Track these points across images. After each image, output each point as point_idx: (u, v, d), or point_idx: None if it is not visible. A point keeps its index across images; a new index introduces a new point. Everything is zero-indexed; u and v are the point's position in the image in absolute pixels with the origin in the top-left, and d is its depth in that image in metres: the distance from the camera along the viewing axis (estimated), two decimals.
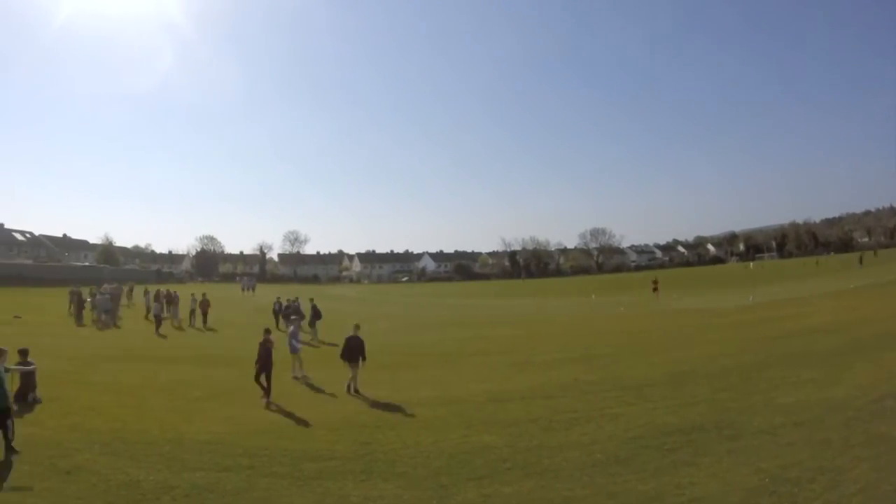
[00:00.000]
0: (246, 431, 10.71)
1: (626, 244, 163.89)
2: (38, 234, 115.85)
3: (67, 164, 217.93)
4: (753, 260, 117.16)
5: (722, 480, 7.58)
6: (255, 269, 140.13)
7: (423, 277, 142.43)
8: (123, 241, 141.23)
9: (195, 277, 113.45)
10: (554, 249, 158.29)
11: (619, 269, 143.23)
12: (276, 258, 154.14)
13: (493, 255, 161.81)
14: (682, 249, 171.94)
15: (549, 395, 13.17)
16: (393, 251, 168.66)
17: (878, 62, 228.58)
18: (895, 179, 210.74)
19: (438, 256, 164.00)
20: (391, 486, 8.02)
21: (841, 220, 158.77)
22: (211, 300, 31.70)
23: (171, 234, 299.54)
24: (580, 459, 8.69)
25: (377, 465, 8.86)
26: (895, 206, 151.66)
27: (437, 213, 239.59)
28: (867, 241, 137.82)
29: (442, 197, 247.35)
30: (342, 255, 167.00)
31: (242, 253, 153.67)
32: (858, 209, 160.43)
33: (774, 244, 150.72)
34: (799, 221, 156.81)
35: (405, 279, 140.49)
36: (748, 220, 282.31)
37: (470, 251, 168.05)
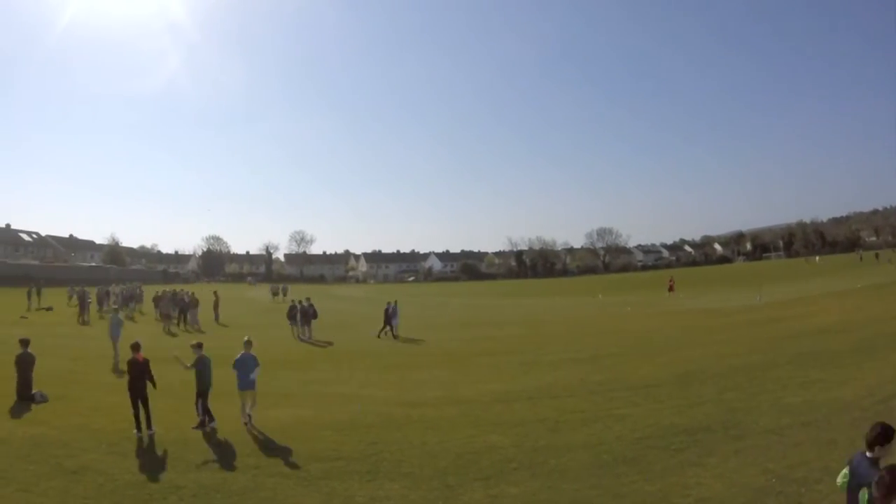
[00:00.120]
0: (252, 431, 10.76)
1: (632, 244, 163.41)
2: (44, 234, 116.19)
3: (74, 164, 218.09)
4: (760, 258, 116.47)
5: (728, 481, 7.58)
6: (261, 269, 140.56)
7: (429, 277, 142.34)
8: (129, 241, 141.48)
9: (201, 278, 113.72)
10: (560, 249, 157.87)
11: (625, 268, 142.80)
12: (282, 258, 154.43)
13: (499, 254, 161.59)
14: (688, 249, 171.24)
15: (555, 395, 13.19)
16: (399, 251, 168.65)
17: (884, 60, 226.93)
18: None
19: (445, 256, 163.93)
20: (397, 486, 8.05)
21: (848, 218, 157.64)
22: (222, 298, 32.62)
23: (177, 234, 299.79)
24: (587, 460, 8.70)
25: (383, 465, 8.89)
26: None
27: (443, 212, 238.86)
28: (875, 240, 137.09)
29: (448, 197, 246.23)
30: (348, 254, 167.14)
31: (249, 253, 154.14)
32: (866, 208, 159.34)
33: (781, 243, 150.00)
34: (806, 220, 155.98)
35: (411, 279, 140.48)
36: (755, 219, 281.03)
37: (476, 251, 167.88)
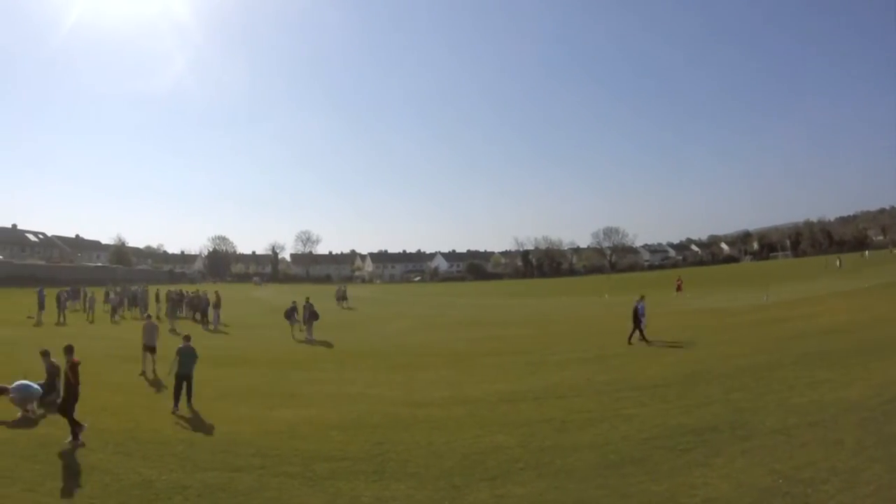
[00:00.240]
0: (258, 431, 10.80)
1: (639, 243, 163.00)
2: (50, 234, 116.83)
3: (79, 165, 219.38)
4: (764, 258, 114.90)
5: (735, 481, 7.59)
6: (267, 269, 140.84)
7: (435, 277, 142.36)
8: (136, 241, 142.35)
9: (207, 278, 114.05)
10: (567, 249, 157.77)
11: (632, 268, 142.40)
12: (288, 258, 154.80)
13: (505, 254, 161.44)
14: (695, 248, 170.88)
15: (562, 395, 13.19)
16: (405, 251, 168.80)
17: (891, 58, 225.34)
18: None
19: (451, 256, 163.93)
20: (403, 486, 8.08)
21: (856, 217, 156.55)
22: (224, 299, 33.02)
23: (183, 234, 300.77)
24: (594, 460, 8.71)
25: (389, 465, 8.92)
26: None
27: (449, 212, 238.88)
28: (882, 238, 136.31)
29: (454, 196, 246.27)
30: (354, 254, 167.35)
31: (255, 253, 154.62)
32: (873, 207, 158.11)
33: (788, 242, 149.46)
34: (813, 220, 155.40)
35: (417, 279, 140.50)
36: (762, 218, 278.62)
37: (482, 251, 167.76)
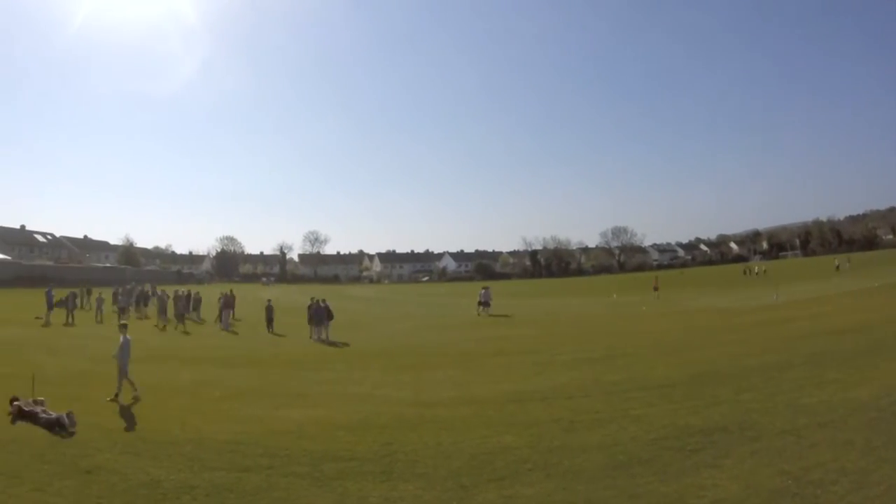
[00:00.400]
0: (266, 431, 10.77)
1: (647, 243, 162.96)
2: (59, 235, 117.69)
3: (87, 165, 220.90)
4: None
5: (744, 482, 7.54)
6: (275, 269, 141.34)
7: (443, 277, 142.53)
8: (144, 241, 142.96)
9: (215, 278, 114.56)
10: (575, 248, 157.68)
11: (640, 267, 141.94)
12: (296, 258, 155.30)
13: (513, 254, 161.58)
14: (704, 248, 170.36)
15: (570, 395, 13.13)
16: (413, 251, 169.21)
17: None
18: None
19: (459, 256, 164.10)
20: (411, 486, 8.05)
21: (865, 216, 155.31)
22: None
23: (191, 234, 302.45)
24: (602, 461, 8.67)
25: (397, 465, 8.89)
26: None
27: (457, 212, 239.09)
28: (892, 237, 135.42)
29: (462, 196, 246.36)
30: (362, 255, 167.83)
31: (263, 253, 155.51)
32: (882, 205, 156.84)
33: (798, 242, 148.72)
34: (823, 219, 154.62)
35: (426, 279, 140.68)
36: (771, 217, 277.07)
37: (491, 251, 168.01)
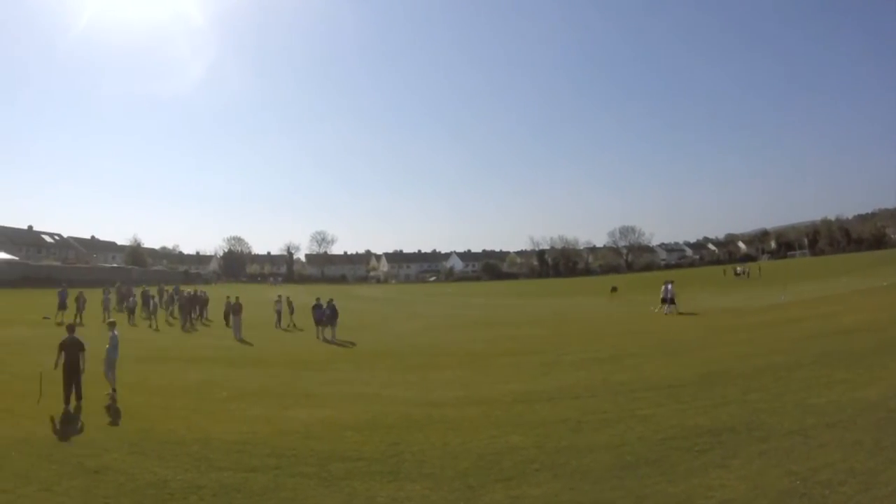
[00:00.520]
0: (273, 432, 10.81)
1: (655, 242, 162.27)
2: (66, 235, 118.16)
3: (95, 166, 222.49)
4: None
5: (752, 483, 7.52)
6: (282, 269, 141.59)
7: (450, 277, 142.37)
8: (151, 242, 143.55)
9: (222, 278, 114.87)
10: (583, 248, 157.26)
11: (648, 267, 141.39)
12: (303, 258, 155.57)
13: (521, 254, 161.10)
14: (712, 247, 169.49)
15: (577, 395, 13.14)
16: (420, 251, 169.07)
17: None
18: None
19: (466, 256, 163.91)
20: (419, 486, 8.06)
21: (874, 215, 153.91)
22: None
23: (198, 235, 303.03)
24: (609, 461, 8.66)
25: (405, 465, 8.90)
26: None
27: (464, 212, 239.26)
28: None
29: (469, 196, 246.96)
30: (370, 255, 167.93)
31: (270, 253, 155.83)
32: (892, 204, 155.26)
33: (806, 241, 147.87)
34: (831, 217, 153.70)
35: (433, 279, 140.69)
36: (780, 216, 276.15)
37: (498, 250, 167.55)
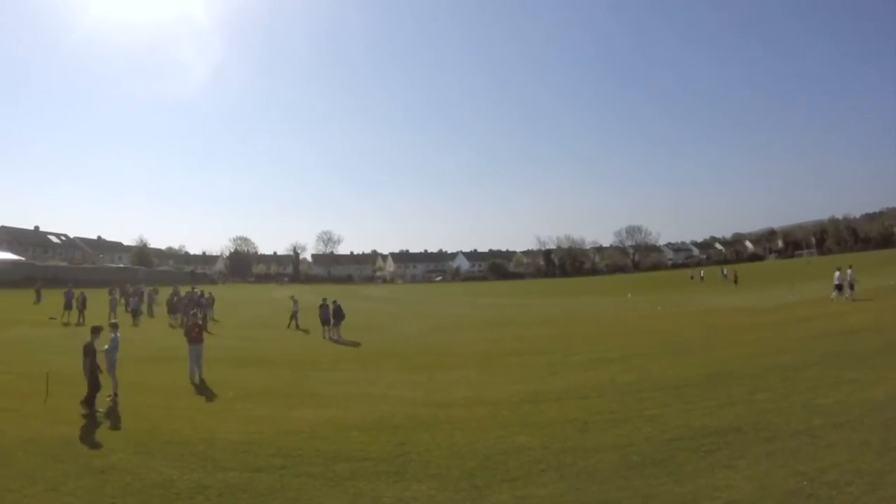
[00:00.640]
0: (279, 432, 10.83)
1: (662, 242, 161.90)
2: (72, 236, 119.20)
3: (102, 166, 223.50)
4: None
5: (759, 483, 7.52)
6: (288, 269, 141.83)
7: (457, 277, 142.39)
8: (157, 242, 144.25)
9: (229, 278, 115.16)
10: (589, 248, 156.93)
11: (655, 267, 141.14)
12: (309, 258, 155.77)
13: (527, 253, 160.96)
14: (719, 247, 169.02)
15: (584, 395, 13.13)
16: (427, 251, 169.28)
17: None
18: None
19: (472, 256, 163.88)
20: (425, 486, 8.08)
21: (882, 214, 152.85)
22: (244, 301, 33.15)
23: (204, 235, 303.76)
24: (616, 461, 8.67)
25: (411, 465, 8.91)
26: None
27: (470, 212, 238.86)
28: None
29: (476, 196, 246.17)
30: (376, 255, 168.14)
31: (276, 253, 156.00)
32: None
33: (814, 240, 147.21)
34: (838, 217, 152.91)
35: (439, 279, 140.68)
36: (787, 215, 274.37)
37: (504, 250, 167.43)
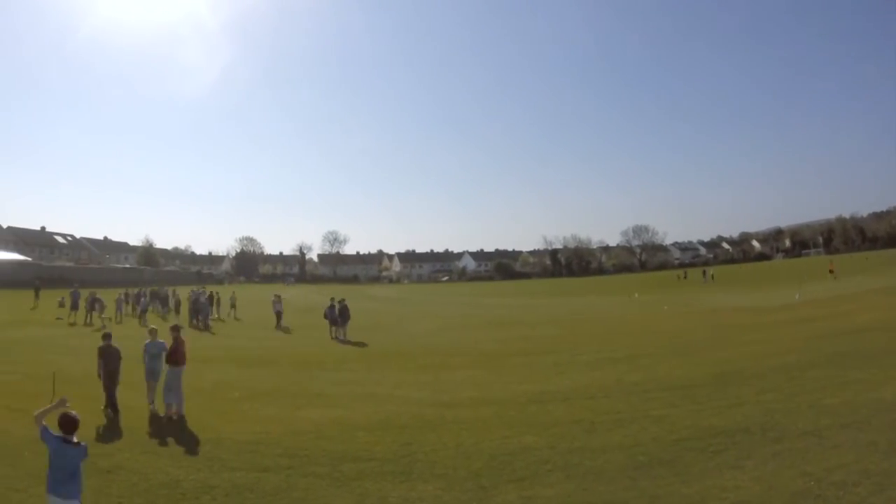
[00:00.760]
0: (285, 432, 10.84)
1: (669, 241, 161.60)
2: (79, 236, 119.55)
3: (108, 167, 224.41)
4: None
5: (766, 483, 7.50)
6: (294, 269, 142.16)
7: (463, 277, 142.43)
8: (163, 242, 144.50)
9: (235, 278, 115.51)
10: (596, 247, 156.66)
11: (662, 266, 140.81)
12: (315, 258, 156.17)
13: (534, 253, 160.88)
14: (726, 246, 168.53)
15: (591, 395, 13.11)
16: (433, 251, 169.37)
17: None
18: None
19: (479, 255, 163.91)
20: (431, 487, 8.08)
21: (889, 213, 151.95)
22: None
23: (210, 235, 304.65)
24: (623, 461, 8.66)
25: (417, 466, 8.91)
26: None
27: (477, 212, 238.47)
28: None
29: (482, 196, 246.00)
30: (382, 255, 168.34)
31: (282, 254, 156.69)
32: None
33: (821, 239, 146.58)
34: (846, 216, 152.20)
35: (445, 279, 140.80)
36: (794, 215, 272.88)
37: (511, 250, 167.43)
